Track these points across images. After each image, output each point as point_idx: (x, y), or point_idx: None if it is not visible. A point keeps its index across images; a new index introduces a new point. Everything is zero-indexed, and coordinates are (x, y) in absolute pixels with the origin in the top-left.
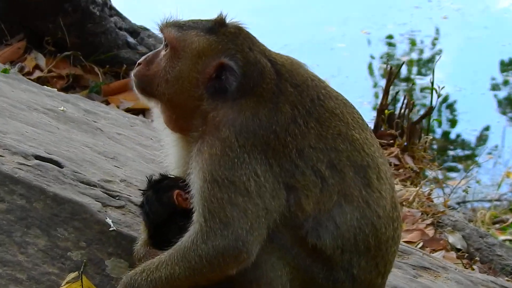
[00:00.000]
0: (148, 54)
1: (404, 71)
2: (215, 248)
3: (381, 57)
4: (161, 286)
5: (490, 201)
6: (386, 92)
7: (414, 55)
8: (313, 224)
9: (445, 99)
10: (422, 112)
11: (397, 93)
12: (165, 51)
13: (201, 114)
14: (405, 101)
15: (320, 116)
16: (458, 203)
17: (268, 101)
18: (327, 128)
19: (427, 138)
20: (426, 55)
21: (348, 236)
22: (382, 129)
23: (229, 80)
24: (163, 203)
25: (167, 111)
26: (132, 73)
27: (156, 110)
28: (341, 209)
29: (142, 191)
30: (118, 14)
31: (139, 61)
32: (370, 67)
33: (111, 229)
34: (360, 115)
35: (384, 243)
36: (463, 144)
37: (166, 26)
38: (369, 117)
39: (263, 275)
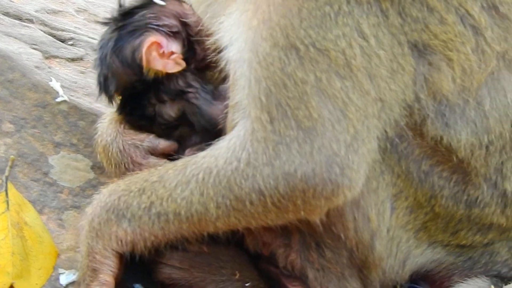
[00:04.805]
0: None
1: None
2: (288, 177)
3: None
4: (173, 225)
5: None
6: None
7: None
8: (444, 109)
9: None
10: None
11: None
12: None
13: None
14: None
15: None
16: None
17: None
18: None
19: None
20: None
21: (503, 128)
22: None
23: None
24: (126, 58)
25: None
26: None
27: None
28: (498, 83)
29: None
30: None
31: None
32: None
33: (59, 99)
34: None
35: None
36: None
37: None
38: None
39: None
